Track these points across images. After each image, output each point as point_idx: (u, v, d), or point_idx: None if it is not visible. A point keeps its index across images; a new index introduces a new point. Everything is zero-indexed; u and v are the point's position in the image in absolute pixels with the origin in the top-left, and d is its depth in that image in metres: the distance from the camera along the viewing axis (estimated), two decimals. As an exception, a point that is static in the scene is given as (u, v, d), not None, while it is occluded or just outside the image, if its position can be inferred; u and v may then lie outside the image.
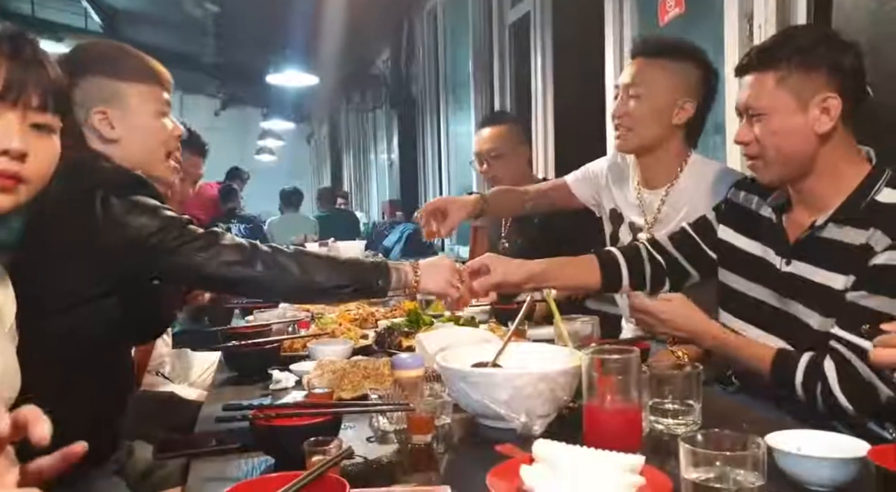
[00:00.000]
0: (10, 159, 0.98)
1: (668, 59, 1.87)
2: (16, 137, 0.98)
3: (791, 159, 1.41)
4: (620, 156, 2.11)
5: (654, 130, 1.89)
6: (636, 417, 1.16)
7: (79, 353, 1.33)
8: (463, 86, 5.65)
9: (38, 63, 1.02)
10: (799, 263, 1.45)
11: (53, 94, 1.03)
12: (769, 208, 1.55)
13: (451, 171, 6.22)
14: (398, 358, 1.38)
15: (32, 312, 1.18)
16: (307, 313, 2.34)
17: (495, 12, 4.77)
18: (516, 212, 2.31)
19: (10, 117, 0.98)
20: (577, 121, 3.65)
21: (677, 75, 1.87)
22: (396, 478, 1.10)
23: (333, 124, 12.65)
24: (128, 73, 1.50)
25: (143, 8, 8.00)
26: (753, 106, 1.42)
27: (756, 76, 1.42)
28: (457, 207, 2.09)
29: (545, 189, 2.33)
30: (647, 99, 1.87)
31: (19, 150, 0.98)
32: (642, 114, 1.87)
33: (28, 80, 0.99)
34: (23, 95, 0.99)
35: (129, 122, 1.49)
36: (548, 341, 1.62)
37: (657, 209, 1.93)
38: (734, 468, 0.87)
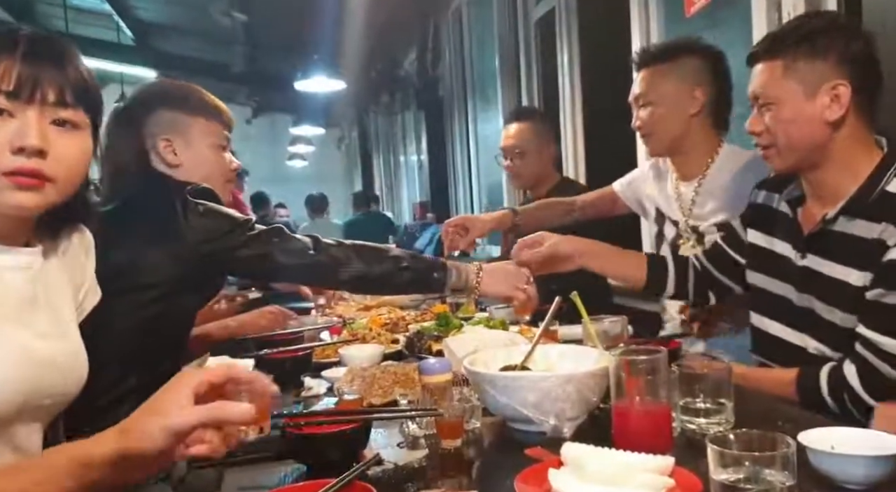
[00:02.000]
0: (27, 157, 0.98)
1: (665, 62, 1.94)
2: (32, 133, 0.98)
3: (802, 147, 1.40)
4: (662, 158, 2.14)
5: (673, 128, 1.94)
6: (666, 417, 1.15)
7: (145, 349, 1.48)
8: (490, 84, 5.64)
9: (56, 60, 1.02)
10: (814, 257, 1.43)
11: (73, 89, 1.03)
12: (785, 203, 1.53)
13: (481, 169, 6.22)
14: (426, 363, 1.38)
15: (107, 297, 1.35)
16: (339, 319, 2.37)
17: (520, 9, 4.76)
18: (561, 223, 2.33)
19: (28, 115, 0.99)
20: (605, 117, 3.62)
21: (677, 71, 1.93)
22: (427, 483, 1.10)
23: (362, 128, 12.74)
24: (192, 108, 1.67)
25: (173, 20, 8.16)
26: (763, 95, 1.42)
27: (765, 65, 1.42)
28: (478, 224, 2.21)
29: (592, 199, 2.38)
30: (657, 103, 1.93)
31: (36, 146, 0.98)
32: (657, 118, 1.94)
33: (43, 76, 0.99)
34: (38, 92, 0.99)
35: (190, 151, 1.66)
36: (579, 341, 1.62)
37: (692, 200, 1.97)
38: (763, 468, 0.86)
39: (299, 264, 1.58)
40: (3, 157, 0.97)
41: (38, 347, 1.03)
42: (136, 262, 1.48)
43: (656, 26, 3.10)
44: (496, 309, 2.26)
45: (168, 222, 1.49)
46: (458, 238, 2.15)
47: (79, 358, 1.12)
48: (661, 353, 1.14)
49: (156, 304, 1.49)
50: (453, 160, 7.00)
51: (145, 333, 1.48)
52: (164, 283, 1.49)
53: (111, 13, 7.27)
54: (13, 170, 0.98)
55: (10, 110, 0.98)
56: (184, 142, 1.65)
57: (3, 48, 0.98)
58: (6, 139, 0.97)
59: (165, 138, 1.63)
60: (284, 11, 6.28)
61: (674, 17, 3.00)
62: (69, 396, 1.09)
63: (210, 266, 1.56)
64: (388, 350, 1.90)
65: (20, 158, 0.98)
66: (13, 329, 1.00)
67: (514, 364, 1.36)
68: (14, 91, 0.97)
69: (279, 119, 13.24)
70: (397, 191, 11.03)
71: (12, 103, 0.98)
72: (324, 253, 1.59)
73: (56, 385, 1.06)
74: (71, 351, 1.10)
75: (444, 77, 6.92)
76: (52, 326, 1.08)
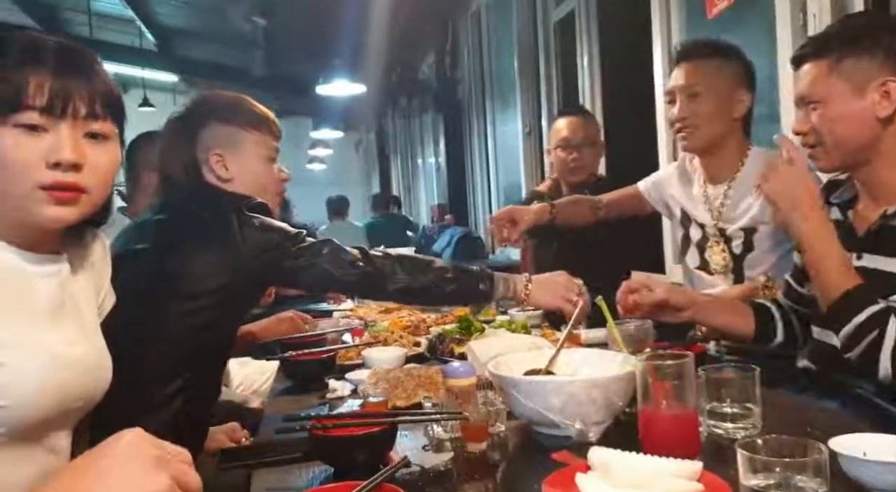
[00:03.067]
0: (64, 171, 1.00)
1: (717, 57, 1.90)
2: (67, 148, 1.00)
3: (850, 145, 1.39)
4: (688, 159, 2.13)
5: (717, 127, 1.91)
6: (693, 422, 1.14)
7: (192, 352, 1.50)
8: (509, 86, 5.65)
9: (85, 73, 1.03)
10: (870, 256, 1.41)
11: (103, 101, 1.04)
12: (835, 208, 1.52)
13: (499, 171, 6.22)
14: (450, 367, 1.39)
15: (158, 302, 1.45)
16: (360, 321, 2.38)
17: (539, 11, 4.76)
18: (587, 221, 2.33)
19: (61, 129, 1.00)
20: (626, 118, 3.61)
21: (729, 70, 1.90)
22: (453, 486, 1.11)
23: (381, 130, 12.78)
24: (244, 121, 1.68)
25: (194, 25, 8.24)
26: (809, 95, 1.42)
27: (811, 65, 1.42)
28: (524, 214, 2.19)
29: (617, 197, 2.36)
30: (708, 96, 1.89)
31: (72, 161, 1.00)
32: (706, 112, 1.89)
33: (73, 90, 1.01)
34: (70, 106, 1.00)
35: (241, 164, 1.67)
36: (603, 345, 1.61)
37: (721, 203, 1.95)
38: (795, 474, 0.85)
39: (348, 276, 1.59)
40: (40, 171, 0.99)
41: (68, 353, 1.05)
42: (190, 271, 1.50)
43: (677, 28, 3.09)
44: (517, 312, 2.26)
45: (223, 234, 1.51)
46: (506, 231, 2.15)
47: (104, 361, 1.14)
48: (687, 358, 1.14)
49: (206, 311, 1.50)
50: (471, 162, 7.00)
51: (193, 339, 1.50)
52: (215, 292, 1.51)
53: (134, 19, 7.37)
54: (50, 184, 0.99)
55: (43, 125, 0.99)
56: (235, 156, 1.66)
57: (34, 62, 0.99)
58: (41, 154, 0.99)
59: (217, 153, 1.64)
60: (304, 16, 6.33)
61: (695, 19, 2.98)
62: (97, 398, 1.11)
63: (261, 277, 1.58)
64: (410, 353, 1.91)
65: (56, 172, 0.99)
66: (45, 336, 1.02)
67: (539, 368, 1.36)
68: (47, 106, 0.99)
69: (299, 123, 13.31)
70: (415, 193, 11.06)
71: (46, 118, 0.99)
72: (371, 265, 1.60)
73: (86, 388, 1.08)
74: (97, 354, 1.13)
75: (462, 79, 6.94)
76: (78, 331, 1.10)
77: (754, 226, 1.87)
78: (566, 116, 2.87)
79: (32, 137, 0.99)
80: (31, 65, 0.99)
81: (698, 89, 1.89)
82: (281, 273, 1.58)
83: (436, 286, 1.62)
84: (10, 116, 0.97)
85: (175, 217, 1.57)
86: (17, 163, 0.98)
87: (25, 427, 0.98)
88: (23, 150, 0.98)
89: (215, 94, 1.73)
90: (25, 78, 0.98)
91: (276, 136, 1.75)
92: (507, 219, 2.18)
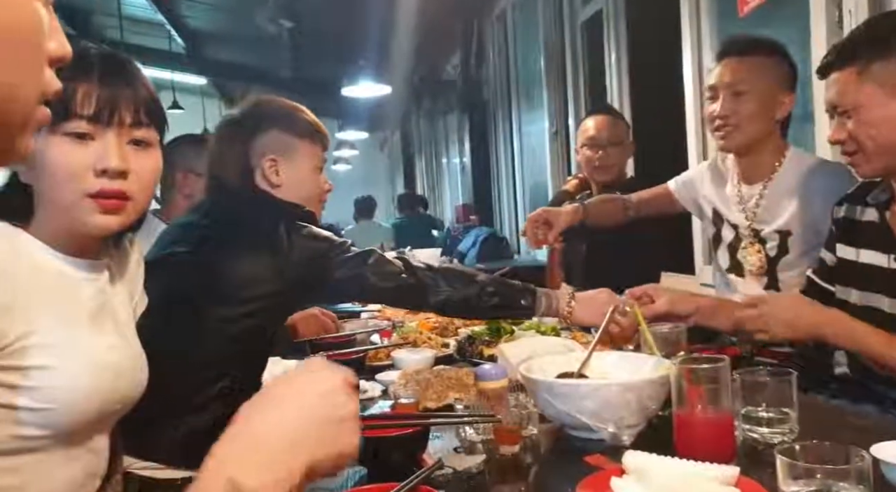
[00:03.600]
0: (110, 179, 1.02)
1: (763, 56, 1.85)
2: (114, 156, 1.02)
3: (891, 148, 1.37)
4: (721, 158, 2.09)
5: (758, 127, 1.86)
6: (728, 426, 1.13)
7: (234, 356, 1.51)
8: (535, 86, 5.63)
9: (129, 81, 1.05)
10: None
11: (147, 109, 1.07)
12: (871, 209, 1.49)
13: (525, 171, 6.21)
14: (482, 369, 1.39)
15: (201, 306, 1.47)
16: (388, 322, 2.39)
17: (566, 11, 4.75)
18: (617, 221, 2.29)
19: (108, 137, 1.02)
20: (655, 118, 3.58)
21: (774, 70, 1.85)
22: (486, 489, 1.11)
23: (405, 131, 12.81)
24: (300, 131, 1.71)
25: (221, 28, 8.32)
26: (841, 103, 1.40)
27: (838, 74, 1.40)
28: (558, 214, 2.17)
29: (647, 197, 2.32)
30: (752, 95, 1.83)
31: (118, 168, 1.02)
32: (749, 111, 1.84)
33: (119, 98, 1.03)
34: (116, 114, 1.02)
35: (293, 172, 1.69)
36: (633, 349, 1.60)
37: (755, 204, 1.91)
38: (837, 482, 0.84)
39: (390, 287, 1.59)
40: (87, 179, 1.01)
41: (109, 357, 1.07)
42: (237, 276, 1.51)
43: (707, 26, 3.05)
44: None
45: (272, 241, 1.52)
46: (541, 233, 2.12)
47: (142, 363, 1.16)
48: (723, 361, 1.12)
49: (249, 318, 1.51)
50: (496, 162, 7.00)
51: (236, 343, 1.51)
52: (262, 298, 1.52)
53: (163, 23, 7.45)
54: (97, 192, 1.01)
55: (91, 133, 1.01)
56: (288, 163, 1.68)
57: (80, 71, 1.01)
58: (89, 162, 1.01)
59: (272, 159, 1.66)
60: (330, 18, 6.37)
61: (726, 17, 2.95)
62: (134, 400, 1.13)
63: (307, 285, 1.58)
64: (439, 354, 1.91)
65: (103, 179, 1.02)
66: (89, 340, 1.04)
67: (571, 371, 1.35)
68: (95, 115, 1.01)
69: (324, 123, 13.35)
70: (440, 193, 11.07)
71: (93, 126, 1.01)
72: (414, 276, 1.60)
73: (125, 391, 1.10)
74: (135, 357, 1.15)
75: (488, 80, 6.93)
76: (118, 335, 1.12)
77: (789, 229, 1.84)
78: (594, 115, 2.85)
79: (80, 144, 1.01)
80: (77, 74, 1.00)
81: (743, 88, 1.84)
82: (327, 282, 1.58)
83: (477, 299, 1.61)
84: (59, 125, 0.99)
85: (222, 222, 1.58)
86: (65, 170, 1.00)
87: (70, 430, 1.01)
88: (70, 157, 1.00)
89: (273, 101, 1.75)
90: (73, 87, 1.00)
91: (325, 147, 1.78)
92: (541, 221, 2.15)
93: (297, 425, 0.71)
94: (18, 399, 0.95)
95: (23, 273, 0.96)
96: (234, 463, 0.67)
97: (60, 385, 0.97)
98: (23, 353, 0.95)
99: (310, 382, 0.76)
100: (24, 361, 0.95)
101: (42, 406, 0.96)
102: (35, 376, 0.95)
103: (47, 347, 0.97)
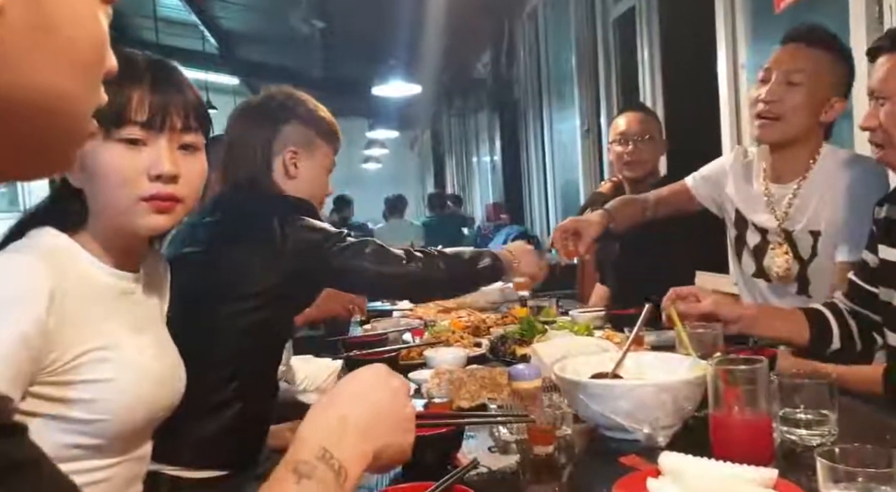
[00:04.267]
0: (164, 183, 1.05)
1: (830, 53, 1.76)
2: (167, 161, 1.05)
3: None
4: (744, 152, 2.02)
5: (802, 123, 1.77)
6: (766, 428, 1.12)
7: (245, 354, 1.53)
8: (566, 84, 5.60)
9: (178, 87, 1.08)
10: None
11: (195, 114, 1.10)
12: None
13: (556, 169, 6.18)
14: (515, 369, 1.39)
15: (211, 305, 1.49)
16: (420, 321, 2.40)
17: (598, 8, 4.71)
18: (637, 222, 2.22)
19: (160, 142, 1.05)
20: (688, 116, 3.54)
21: (835, 69, 1.76)
22: (520, 489, 1.11)
23: (435, 129, 12.84)
24: (323, 131, 1.74)
25: (254, 28, 8.41)
26: (879, 89, 1.36)
27: (885, 58, 1.36)
28: (588, 225, 2.10)
29: (665, 195, 2.24)
30: (806, 88, 1.74)
31: (171, 173, 1.05)
32: (797, 103, 1.75)
33: (170, 104, 1.06)
34: (168, 120, 1.05)
35: (309, 168, 1.72)
36: (666, 348, 1.59)
37: (788, 204, 1.82)
38: (879, 485, 0.83)
39: (392, 273, 1.59)
40: (141, 184, 1.04)
41: (154, 366, 1.10)
42: (238, 273, 1.53)
43: (742, 22, 3.01)
44: (579, 313, 2.24)
45: (267, 234, 1.53)
46: (571, 244, 2.05)
47: (181, 371, 1.19)
48: (761, 362, 1.11)
49: (256, 312, 1.53)
50: (527, 161, 6.97)
51: (246, 340, 1.53)
52: (264, 293, 1.54)
53: (197, 23, 7.56)
54: (151, 195, 1.05)
55: (143, 139, 1.04)
56: (307, 158, 1.70)
57: (132, 79, 1.04)
58: (143, 167, 1.04)
59: (293, 150, 1.68)
60: (361, 18, 6.40)
61: (762, 13, 2.90)
62: (175, 406, 1.16)
63: (308, 277, 1.60)
64: (471, 353, 1.92)
65: (156, 184, 1.05)
66: (136, 350, 1.07)
67: (605, 371, 1.35)
68: (148, 121, 1.04)
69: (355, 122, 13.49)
70: (470, 191, 11.06)
71: (146, 132, 1.04)
72: (415, 261, 1.61)
73: (168, 399, 1.14)
74: (175, 365, 1.18)
75: (518, 78, 6.91)
76: (159, 343, 1.16)
77: (819, 229, 1.76)
78: (624, 112, 2.82)
79: (133, 150, 1.04)
80: (128, 81, 1.03)
81: (799, 78, 1.74)
82: (327, 272, 1.60)
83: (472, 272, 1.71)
84: (113, 131, 1.02)
85: (227, 219, 1.61)
86: (120, 176, 1.03)
87: (121, 439, 1.04)
88: (125, 162, 1.03)
89: (294, 94, 1.76)
90: (126, 94, 1.03)
91: (336, 150, 1.81)
92: (570, 231, 2.07)
93: (371, 414, 0.82)
94: (73, 412, 0.98)
95: (72, 291, 0.98)
96: (325, 436, 0.77)
97: (114, 397, 1.00)
98: (77, 368, 0.98)
99: (379, 380, 0.87)
100: (78, 375, 0.98)
101: (96, 417, 0.99)
102: (90, 390, 0.98)
103: (101, 361, 1.00)
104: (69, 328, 0.96)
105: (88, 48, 0.45)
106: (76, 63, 0.44)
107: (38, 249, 1.00)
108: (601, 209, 2.19)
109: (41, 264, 0.97)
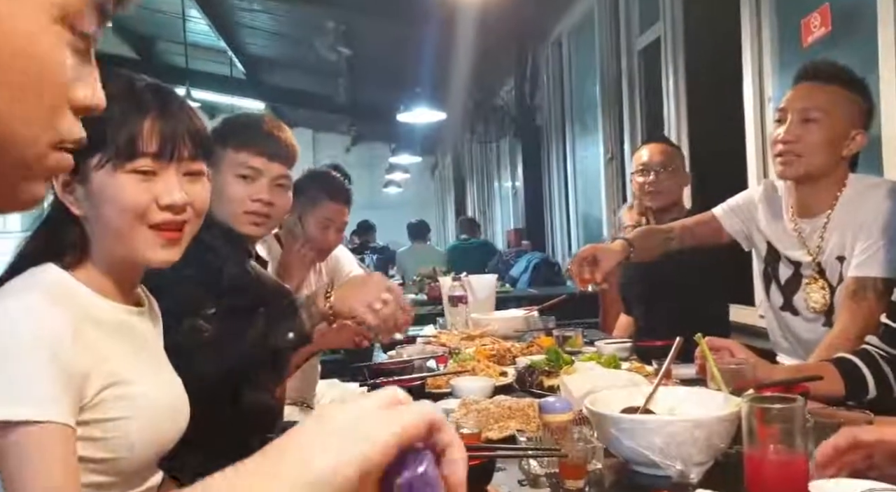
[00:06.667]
0: (174, 214, 1.06)
1: (844, 88, 1.77)
2: (177, 191, 1.06)
3: None
4: (772, 185, 2.02)
5: (823, 159, 1.77)
6: (802, 467, 1.10)
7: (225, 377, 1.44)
8: (590, 113, 5.63)
9: (183, 115, 1.09)
10: None
11: (201, 142, 1.11)
12: None
13: (579, 197, 6.19)
14: (546, 402, 1.39)
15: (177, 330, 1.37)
16: (444, 348, 2.39)
17: (623, 39, 4.75)
18: (660, 252, 2.19)
19: (169, 172, 1.06)
20: (713, 148, 3.54)
21: (852, 104, 1.77)
22: (552, 523, 1.10)
23: (457, 155, 12.90)
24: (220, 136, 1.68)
25: (281, 55, 8.57)
26: None
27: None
28: (607, 253, 2.07)
29: (690, 225, 2.20)
30: (824, 125, 1.75)
31: (182, 203, 1.06)
32: (817, 141, 1.76)
33: (178, 134, 1.07)
34: (177, 150, 1.06)
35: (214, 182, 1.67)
36: (694, 381, 1.58)
37: (819, 237, 1.81)
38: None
39: None
40: (151, 212, 1.05)
41: (164, 399, 1.11)
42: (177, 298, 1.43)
43: (769, 55, 3.02)
44: (605, 344, 2.23)
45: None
46: (587, 272, 2.01)
47: (185, 400, 1.18)
48: (797, 401, 1.10)
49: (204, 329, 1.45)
50: (549, 187, 6.98)
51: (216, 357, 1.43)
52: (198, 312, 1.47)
53: (225, 49, 7.72)
54: (159, 222, 1.06)
55: (154, 170, 1.05)
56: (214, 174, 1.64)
57: (140, 109, 1.04)
58: (153, 197, 1.05)
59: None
60: (387, 45, 6.50)
61: (789, 46, 2.91)
62: (180, 435, 1.16)
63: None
64: (497, 383, 1.91)
65: (166, 213, 1.06)
66: (145, 387, 1.07)
67: (636, 405, 1.34)
68: (158, 152, 1.05)
69: (377, 147, 13.63)
70: (491, 217, 11.08)
71: (156, 163, 1.05)
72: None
73: (177, 429, 1.14)
74: (179, 395, 1.17)
75: (541, 105, 6.95)
76: (166, 375, 1.16)
77: (843, 255, 1.75)
78: (647, 144, 2.83)
79: (144, 180, 1.05)
80: (136, 112, 1.04)
81: (814, 115, 1.75)
82: None
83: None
84: (124, 163, 1.03)
85: None
86: (132, 207, 1.04)
87: (135, 473, 1.05)
88: (135, 193, 1.04)
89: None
90: (136, 125, 1.03)
91: (260, 153, 1.70)
92: (589, 258, 2.03)
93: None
94: (98, 452, 0.98)
95: (85, 328, 0.99)
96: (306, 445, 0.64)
97: (133, 434, 1.01)
98: (98, 406, 0.98)
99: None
100: (100, 413, 0.98)
101: (113, 456, 1.00)
102: (109, 428, 0.99)
103: (118, 398, 1.00)
104: (89, 365, 0.96)
105: (35, 79, 0.42)
106: (19, 95, 0.42)
107: (48, 288, 0.99)
108: (621, 238, 2.17)
109: (55, 303, 0.96)
